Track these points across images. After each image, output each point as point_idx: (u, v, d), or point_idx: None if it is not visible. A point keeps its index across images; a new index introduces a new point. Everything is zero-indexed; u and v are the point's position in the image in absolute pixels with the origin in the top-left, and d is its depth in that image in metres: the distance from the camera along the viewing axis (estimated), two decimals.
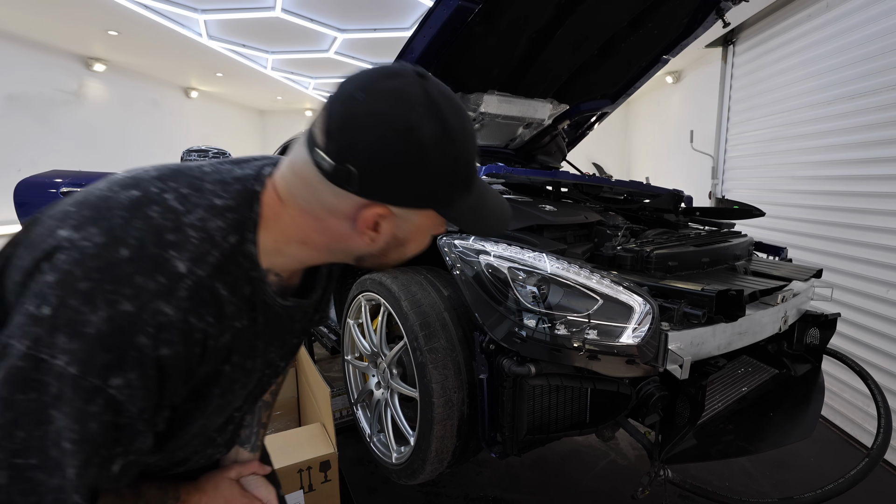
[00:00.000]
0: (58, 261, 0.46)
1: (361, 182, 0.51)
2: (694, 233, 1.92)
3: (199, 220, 0.51)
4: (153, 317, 0.46)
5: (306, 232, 0.57)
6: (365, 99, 0.49)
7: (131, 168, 0.58)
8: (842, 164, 2.67)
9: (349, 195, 0.52)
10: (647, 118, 6.57)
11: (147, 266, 0.47)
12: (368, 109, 0.49)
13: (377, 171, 0.51)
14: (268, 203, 0.56)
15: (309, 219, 0.56)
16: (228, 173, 0.56)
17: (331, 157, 0.50)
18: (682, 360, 1.20)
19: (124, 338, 0.45)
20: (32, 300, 0.45)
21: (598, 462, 2.22)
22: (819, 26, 2.93)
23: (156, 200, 0.50)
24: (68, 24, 3.76)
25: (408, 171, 0.51)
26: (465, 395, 1.46)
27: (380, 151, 0.50)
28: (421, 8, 3.91)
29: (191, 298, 0.49)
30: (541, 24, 1.89)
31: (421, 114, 0.50)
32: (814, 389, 1.67)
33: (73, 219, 0.48)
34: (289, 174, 0.56)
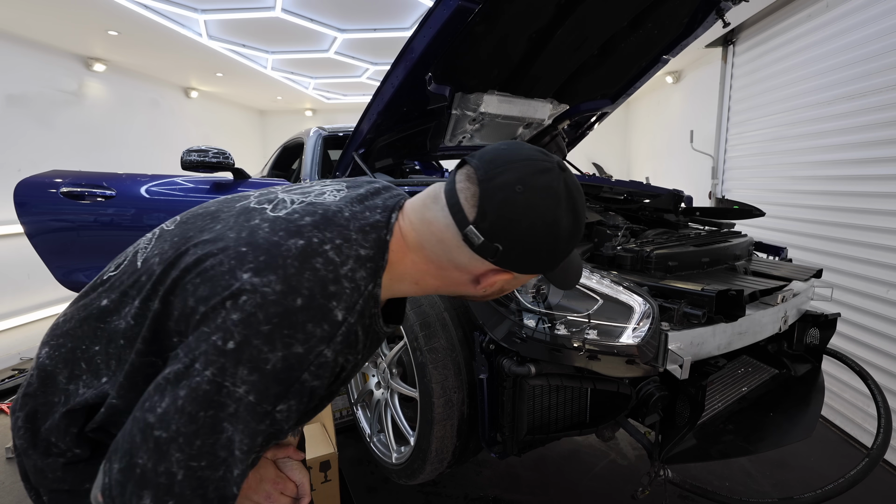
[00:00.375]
0: (243, 303, 0.54)
1: (502, 257, 0.61)
2: (694, 233, 1.92)
3: (350, 270, 0.60)
4: (316, 358, 0.56)
5: (424, 276, 0.68)
6: (523, 191, 0.59)
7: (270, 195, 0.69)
8: (842, 164, 2.67)
9: (484, 261, 0.63)
10: (647, 118, 6.57)
11: (316, 315, 0.56)
12: (525, 201, 0.59)
13: (519, 251, 0.61)
14: (394, 250, 0.65)
15: (432, 267, 0.66)
16: (365, 220, 0.65)
17: (482, 234, 0.60)
18: (682, 360, 1.20)
19: (293, 374, 0.55)
20: (218, 333, 0.53)
21: (598, 462, 2.22)
22: (819, 26, 2.93)
23: (318, 252, 0.59)
24: (68, 24, 3.76)
25: (542, 253, 0.63)
26: (465, 395, 1.46)
27: (527, 238, 0.60)
28: (421, 8, 3.91)
29: (343, 342, 0.59)
30: (541, 24, 1.89)
31: (563, 208, 0.61)
32: (814, 389, 1.67)
33: (251, 262, 0.57)
34: (422, 228, 0.65)
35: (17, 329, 3.74)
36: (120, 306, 0.65)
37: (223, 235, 0.61)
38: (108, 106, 4.88)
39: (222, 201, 0.73)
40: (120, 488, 0.51)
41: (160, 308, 0.60)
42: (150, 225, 2.31)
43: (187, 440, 0.51)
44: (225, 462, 0.52)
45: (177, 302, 0.58)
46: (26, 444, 0.65)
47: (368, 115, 2.02)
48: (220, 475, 0.52)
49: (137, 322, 0.63)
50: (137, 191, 2.34)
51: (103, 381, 0.64)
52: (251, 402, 0.53)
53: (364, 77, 6.04)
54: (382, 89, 1.89)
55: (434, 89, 1.93)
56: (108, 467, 0.53)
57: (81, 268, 2.39)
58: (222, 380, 0.52)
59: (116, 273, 0.69)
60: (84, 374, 0.65)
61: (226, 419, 0.52)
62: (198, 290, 0.57)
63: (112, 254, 0.78)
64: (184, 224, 0.69)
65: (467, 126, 2.40)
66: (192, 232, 0.65)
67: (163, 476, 0.50)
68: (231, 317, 0.53)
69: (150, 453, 0.51)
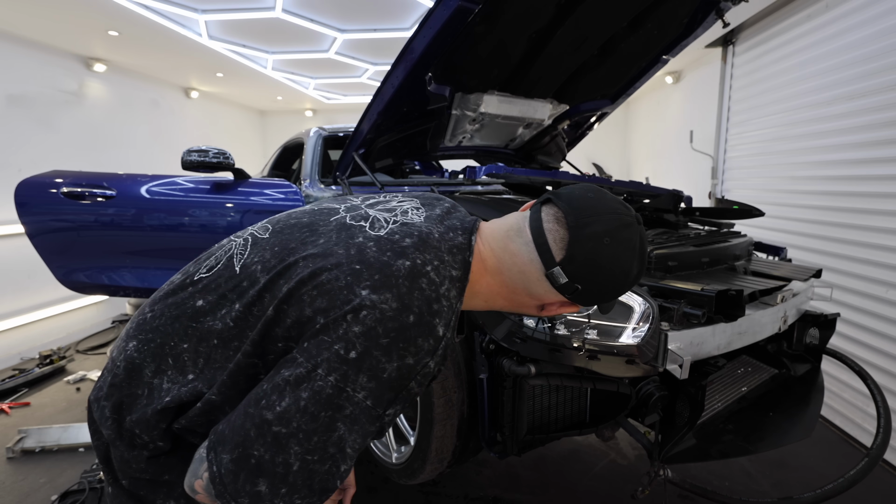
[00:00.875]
0: (363, 317, 0.60)
1: (578, 295, 0.69)
2: (694, 233, 1.92)
3: (446, 290, 0.67)
4: (423, 368, 0.63)
5: (494, 297, 0.75)
6: (610, 243, 0.67)
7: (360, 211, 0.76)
8: (842, 164, 2.67)
9: (559, 294, 0.70)
10: (647, 118, 6.57)
11: (424, 331, 0.62)
12: (611, 253, 0.67)
13: (595, 291, 0.70)
14: (474, 271, 0.72)
15: (505, 290, 0.74)
16: (452, 242, 0.72)
17: (567, 275, 0.67)
18: (681, 359, 1.20)
19: (403, 383, 0.62)
20: (340, 343, 0.59)
21: (598, 462, 2.22)
22: (819, 26, 2.93)
23: (423, 273, 0.65)
24: (68, 25, 3.76)
25: (611, 294, 0.71)
26: (465, 395, 1.46)
27: (604, 283, 0.69)
28: (421, 8, 3.91)
29: (441, 355, 0.66)
30: (541, 24, 1.89)
31: (638, 260, 0.69)
32: (813, 389, 1.67)
33: (368, 280, 0.62)
34: (505, 258, 0.72)
35: (17, 329, 3.74)
36: (216, 308, 0.70)
37: (331, 251, 0.67)
38: (109, 106, 4.88)
39: (312, 213, 0.79)
40: (232, 476, 0.57)
41: (273, 315, 0.64)
42: (150, 225, 2.31)
43: (306, 436, 0.57)
44: (332, 458, 0.59)
45: (291, 311, 0.63)
46: (113, 434, 0.70)
47: (369, 116, 2.02)
48: (326, 469, 0.59)
49: (237, 325, 0.67)
50: (138, 191, 2.34)
51: (190, 378, 0.68)
52: (368, 406, 0.59)
53: (364, 77, 6.04)
54: (382, 89, 1.89)
55: (434, 89, 1.94)
56: (216, 458, 0.58)
57: (82, 268, 2.39)
58: (344, 385, 0.58)
59: (211, 276, 0.73)
60: (170, 370, 0.70)
61: (340, 419, 0.58)
62: (315, 302, 0.62)
63: (113, 253, 0.79)
64: (280, 234, 0.74)
65: (467, 126, 2.40)
66: (294, 244, 0.71)
67: (280, 466, 0.57)
68: (353, 329, 0.59)
69: (267, 446, 0.57)
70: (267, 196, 2.40)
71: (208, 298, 0.71)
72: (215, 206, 2.35)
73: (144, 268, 2.40)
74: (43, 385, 3.28)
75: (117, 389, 0.70)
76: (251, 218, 2.35)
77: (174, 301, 0.73)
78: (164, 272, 2.41)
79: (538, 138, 2.77)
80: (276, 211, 2.36)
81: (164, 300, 0.75)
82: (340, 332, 0.59)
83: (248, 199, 2.38)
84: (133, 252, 2.37)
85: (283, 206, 2.35)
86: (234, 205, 2.36)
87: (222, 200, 2.36)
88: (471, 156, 2.84)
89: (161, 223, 2.32)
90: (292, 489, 0.57)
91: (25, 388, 3.20)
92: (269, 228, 0.77)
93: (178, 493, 0.72)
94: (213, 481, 0.58)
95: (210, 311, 0.70)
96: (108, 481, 0.76)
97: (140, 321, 0.75)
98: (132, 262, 2.39)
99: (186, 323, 0.71)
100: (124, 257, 2.37)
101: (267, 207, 2.37)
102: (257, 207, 2.37)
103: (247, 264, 0.71)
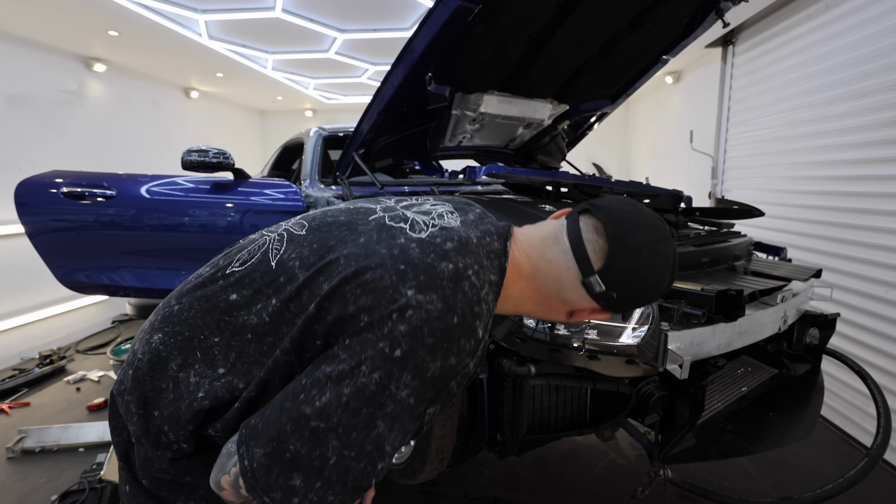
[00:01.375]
0: (409, 316, 0.60)
1: (612, 302, 0.71)
2: (694, 233, 1.92)
3: (486, 294, 0.68)
4: (463, 368, 0.65)
5: (526, 301, 0.76)
6: (648, 256, 0.69)
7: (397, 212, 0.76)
8: (841, 164, 2.67)
9: (591, 301, 0.71)
10: (647, 118, 6.57)
11: (466, 332, 0.64)
12: (649, 265, 0.69)
13: (629, 300, 0.71)
14: (509, 276, 0.73)
15: (538, 296, 0.75)
16: (490, 248, 0.72)
17: (605, 285, 0.69)
18: (681, 359, 1.20)
19: (445, 382, 0.63)
20: (385, 341, 0.59)
21: (597, 462, 2.22)
22: (818, 27, 2.93)
23: (465, 276, 0.66)
24: (68, 25, 3.76)
25: (642, 301, 0.74)
26: (465, 394, 1.46)
27: (639, 294, 0.71)
28: (421, 8, 3.91)
29: (480, 356, 0.69)
30: (541, 25, 1.89)
31: (671, 271, 0.72)
32: (813, 389, 1.67)
33: (413, 280, 0.63)
34: (541, 265, 0.74)
35: (17, 329, 3.74)
36: (251, 303, 0.69)
37: (374, 251, 0.67)
38: (109, 106, 4.88)
39: (349, 211, 0.78)
40: (265, 470, 0.57)
41: (314, 312, 0.64)
42: (150, 225, 2.31)
43: (346, 431, 0.57)
44: (369, 456, 0.59)
45: (334, 308, 0.63)
46: (140, 431, 0.69)
47: (369, 116, 2.02)
48: (362, 467, 0.59)
49: (273, 320, 0.67)
50: (138, 191, 2.34)
51: (221, 372, 0.68)
52: (410, 405, 0.60)
53: (364, 77, 6.04)
54: (383, 89, 1.89)
55: (434, 89, 1.94)
56: (247, 452, 0.58)
57: (82, 268, 2.39)
58: (388, 383, 0.58)
59: (244, 269, 0.73)
60: (198, 364, 0.69)
61: (381, 417, 0.59)
62: (360, 300, 0.62)
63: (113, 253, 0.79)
64: (317, 231, 0.74)
65: (467, 126, 2.40)
66: (333, 241, 0.71)
67: (317, 460, 0.57)
68: (399, 328, 0.60)
69: (304, 440, 0.57)
70: (267, 196, 2.40)
71: (243, 293, 0.71)
72: (215, 206, 2.35)
73: (144, 268, 2.41)
74: (43, 385, 3.28)
75: (140, 383, 0.70)
76: (251, 218, 2.35)
77: (204, 294, 0.73)
78: (164, 272, 2.42)
79: (538, 138, 2.76)
80: (276, 211, 2.38)
81: (193, 293, 0.74)
82: (385, 331, 0.60)
83: (248, 199, 2.38)
84: (133, 252, 2.37)
85: (283, 206, 2.35)
86: (234, 205, 2.36)
87: (222, 200, 2.36)
88: (471, 156, 2.84)
89: (161, 223, 2.32)
90: (327, 484, 0.58)
91: (25, 388, 3.21)
92: (306, 225, 0.77)
93: (199, 495, 0.71)
94: (245, 475, 0.58)
95: (244, 306, 0.70)
96: (125, 479, 0.75)
97: (166, 313, 0.74)
98: (132, 262, 2.39)
99: (219, 316, 0.70)
100: (124, 257, 2.37)
101: (267, 207, 2.37)
102: (257, 207, 2.37)
103: (283, 260, 0.71)
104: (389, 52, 4.85)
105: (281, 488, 0.57)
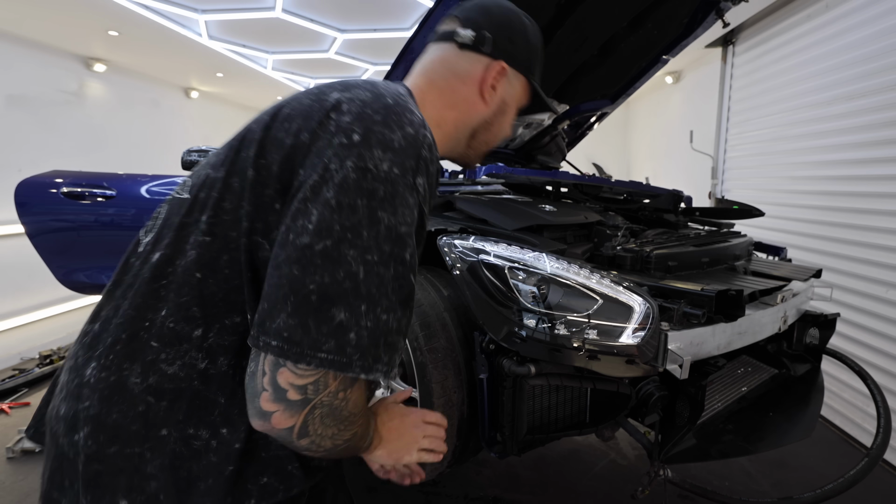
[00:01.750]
0: (347, 108, 0.58)
1: (493, 43, 0.76)
2: (694, 233, 1.92)
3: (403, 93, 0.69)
4: (424, 137, 0.61)
5: (442, 112, 0.77)
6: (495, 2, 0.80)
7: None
8: (841, 164, 2.67)
9: (480, 58, 0.77)
10: (647, 118, 6.57)
11: (406, 109, 0.62)
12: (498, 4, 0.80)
13: (504, 34, 0.77)
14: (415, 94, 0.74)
15: (445, 96, 0.77)
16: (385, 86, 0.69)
17: (468, 26, 0.76)
18: (681, 359, 1.20)
19: (415, 150, 0.59)
20: (339, 135, 0.56)
21: (597, 462, 2.22)
22: (818, 27, 2.93)
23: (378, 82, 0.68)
24: (68, 25, 3.76)
25: (520, 37, 0.79)
26: (465, 394, 1.46)
27: (505, 23, 0.78)
28: (421, 8, 3.91)
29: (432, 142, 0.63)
30: (541, 25, 1.89)
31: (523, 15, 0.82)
32: (813, 389, 1.67)
33: (333, 89, 0.63)
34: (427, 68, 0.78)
35: (18, 329, 3.74)
36: (179, 242, 0.61)
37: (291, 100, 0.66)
38: (109, 106, 4.88)
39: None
40: (301, 330, 0.49)
41: (255, 175, 0.58)
42: None
43: (355, 233, 0.51)
44: (392, 256, 0.53)
45: (272, 155, 0.59)
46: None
47: None
48: (392, 272, 0.53)
49: (214, 233, 0.59)
50: (138, 191, 2.34)
51: (197, 335, 0.58)
52: (397, 175, 0.55)
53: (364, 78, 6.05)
54: None
55: None
56: (268, 338, 0.50)
57: (82, 268, 2.39)
58: (364, 163, 0.54)
59: (156, 232, 0.66)
60: (161, 353, 0.57)
61: (378, 205, 0.53)
62: (292, 127, 0.59)
63: (113, 253, 0.79)
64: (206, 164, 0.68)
65: None
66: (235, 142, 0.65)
67: (346, 281, 0.50)
68: (343, 120, 0.57)
69: (320, 270, 0.50)
70: None
71: (164, 244, 0.62)
72: None
73: None
74: (43, 385, 3.28)
75: (102, 427, 0.56)
76: None
77: (123, 288, 0.63)
78: None
79: (538, 138, 2.76)
80: None
81: (110, 298, 0.64)
82: (332, 128, 0.57)
83: None
84: None
85: None
86: None
87: None
88: None
89: None
90: (371, 302, 0.51)
91: (25, 388, 3.20)
92: (186, 182, 0.71)
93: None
94: (283, 353, 0.49)
95: (174, 253, 0.60)
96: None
97: (88, 341, 0.62)
98: None
99: (152, 288, 0.59)
100: None
101: None
102: None
103: (194, 183, 0.66)
104: (389, 52, 4.85)
105: (328, 334, 0.49)
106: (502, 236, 1.45)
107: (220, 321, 0.59)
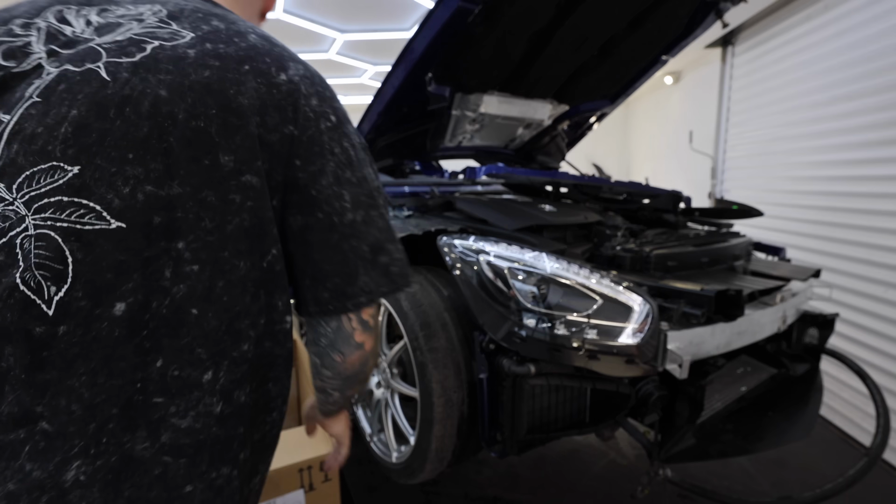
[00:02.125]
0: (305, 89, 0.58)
1: None
2: (693, 233, 1.92)
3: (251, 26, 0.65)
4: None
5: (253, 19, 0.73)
6: None
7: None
8: (841, 164, 2.68)
9: None
10: (646, 118, 6.57)
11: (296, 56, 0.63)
12: None
13: None
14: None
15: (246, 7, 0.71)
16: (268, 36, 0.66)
17: None
18: (681, 359, 1.20)
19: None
20: (321, 120, 0.59)
21: (597, 462, 2.22)
22: (818, 27, 2.94)
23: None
24: None
25: None
26: (465, 394, 1.46)
27: None
28: (421, 9, 3.91)
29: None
30: (541, 25, 1.90)
31: None
32: (812, 389, 1.68)
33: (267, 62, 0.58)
34: None
35: None
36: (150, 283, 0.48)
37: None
38: None
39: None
40: (373, 281, 0.62)
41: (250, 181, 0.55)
42: None
43: (373, 196, 0.63)
44: (386, 200, 0.67)
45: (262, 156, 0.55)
46: None
47: (369, 116, 2.03)
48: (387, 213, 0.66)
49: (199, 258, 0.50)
50: None
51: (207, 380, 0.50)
52: (359, 134, 0.65)
53: (364, 78, 6.04)
54: (383, 90, 1.90)
55: (434, 90, 1.94)
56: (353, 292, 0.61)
57: None
58: (352, 140, 0.62)
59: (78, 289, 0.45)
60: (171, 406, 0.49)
61: (370, 166, 0.65)
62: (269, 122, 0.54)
63: None
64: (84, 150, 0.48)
65: (467, 126, 2.40)
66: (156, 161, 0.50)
67: (381, 233, 0.63)
68: (312, 102, 0.59)
69: (365, 234, 0.61)
70: None
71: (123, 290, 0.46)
72: None
73: None
74: None
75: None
76: None
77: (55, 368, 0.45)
78: None
79: (538, 138, 2.77)
80: None
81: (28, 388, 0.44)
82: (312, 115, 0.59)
83: None
84: None
85: None
86: None
87: None
88: (471, 156, 2.85)
89: None
90: (394, 239, 0.65)
91: None
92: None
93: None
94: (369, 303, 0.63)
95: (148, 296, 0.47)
96: None
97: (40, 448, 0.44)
98: None
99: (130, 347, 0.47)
100: None
101: None
102: None
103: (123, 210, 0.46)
104: (390, 52, 4.85)
105: (384, 274, 0.62)
106: (502, 236, 1.45)
107: (228, 356, 0.52)
